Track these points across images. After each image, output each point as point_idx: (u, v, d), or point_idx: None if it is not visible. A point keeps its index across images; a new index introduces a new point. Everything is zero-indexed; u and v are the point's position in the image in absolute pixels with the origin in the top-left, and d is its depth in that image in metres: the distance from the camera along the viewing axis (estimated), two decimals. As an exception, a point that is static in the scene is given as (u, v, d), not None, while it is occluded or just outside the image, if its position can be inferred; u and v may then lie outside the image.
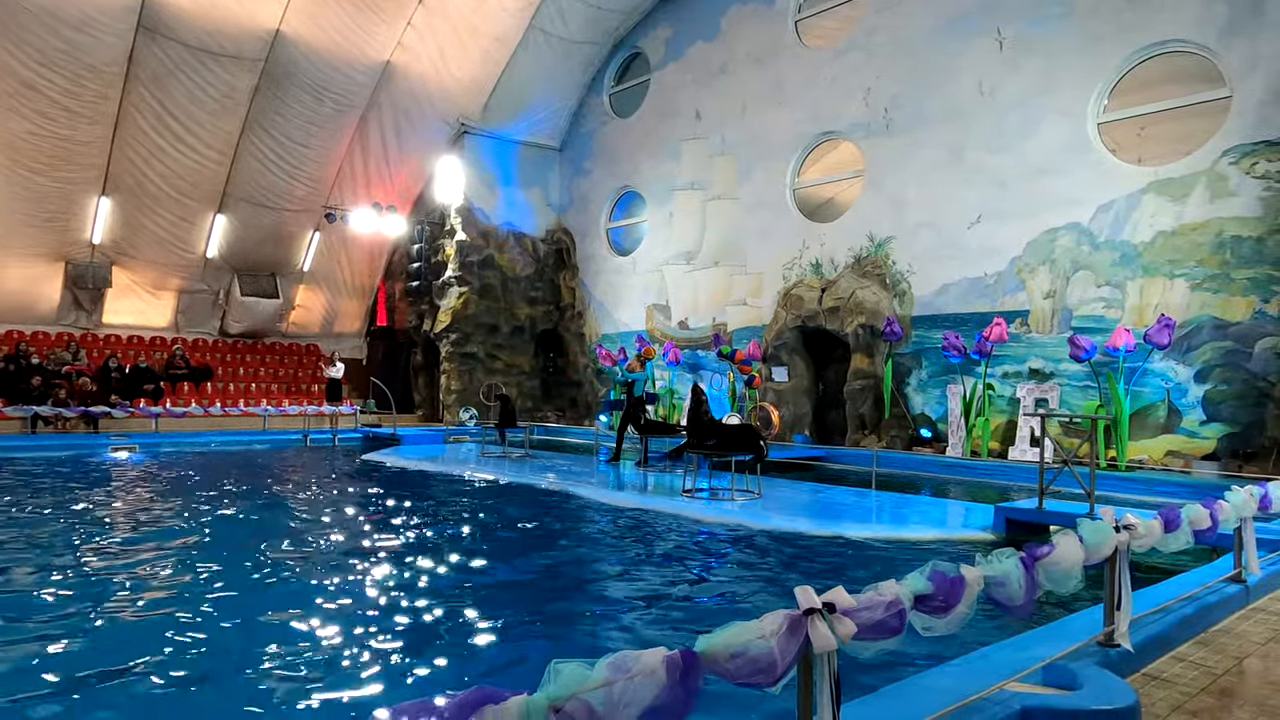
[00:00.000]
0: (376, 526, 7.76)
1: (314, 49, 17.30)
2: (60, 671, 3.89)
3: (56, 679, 3.80)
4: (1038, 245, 12.35)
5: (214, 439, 16.32)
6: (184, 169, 18.17)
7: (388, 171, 20.69)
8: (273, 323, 22.01)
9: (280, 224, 20.37)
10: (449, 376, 20.17)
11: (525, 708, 1.54)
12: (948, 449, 12.81)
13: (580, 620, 4.94)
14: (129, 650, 4.17)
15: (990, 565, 2.79)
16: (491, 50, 18.53)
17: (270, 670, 3.95)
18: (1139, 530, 3.53)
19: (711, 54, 17.72)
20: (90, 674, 3.87)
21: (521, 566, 6.27)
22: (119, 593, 5.27)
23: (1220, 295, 10.61)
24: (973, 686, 2.79)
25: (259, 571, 5.91)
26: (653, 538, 7.42)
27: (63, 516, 7.87)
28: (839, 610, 2.10)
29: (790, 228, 15.95)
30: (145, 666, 3.97)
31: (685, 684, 1.79)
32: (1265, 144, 10.30)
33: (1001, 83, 12.91)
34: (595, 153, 20.57)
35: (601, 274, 20.33)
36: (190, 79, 16.84)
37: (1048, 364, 12.14)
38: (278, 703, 3.62)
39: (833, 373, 15.29)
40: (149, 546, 6.65)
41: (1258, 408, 10.23)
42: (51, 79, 15.63)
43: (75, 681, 3.79)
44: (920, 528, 7.52)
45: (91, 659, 4.08)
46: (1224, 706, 3.14)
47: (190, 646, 4.27)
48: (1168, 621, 3.89)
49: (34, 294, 18.79)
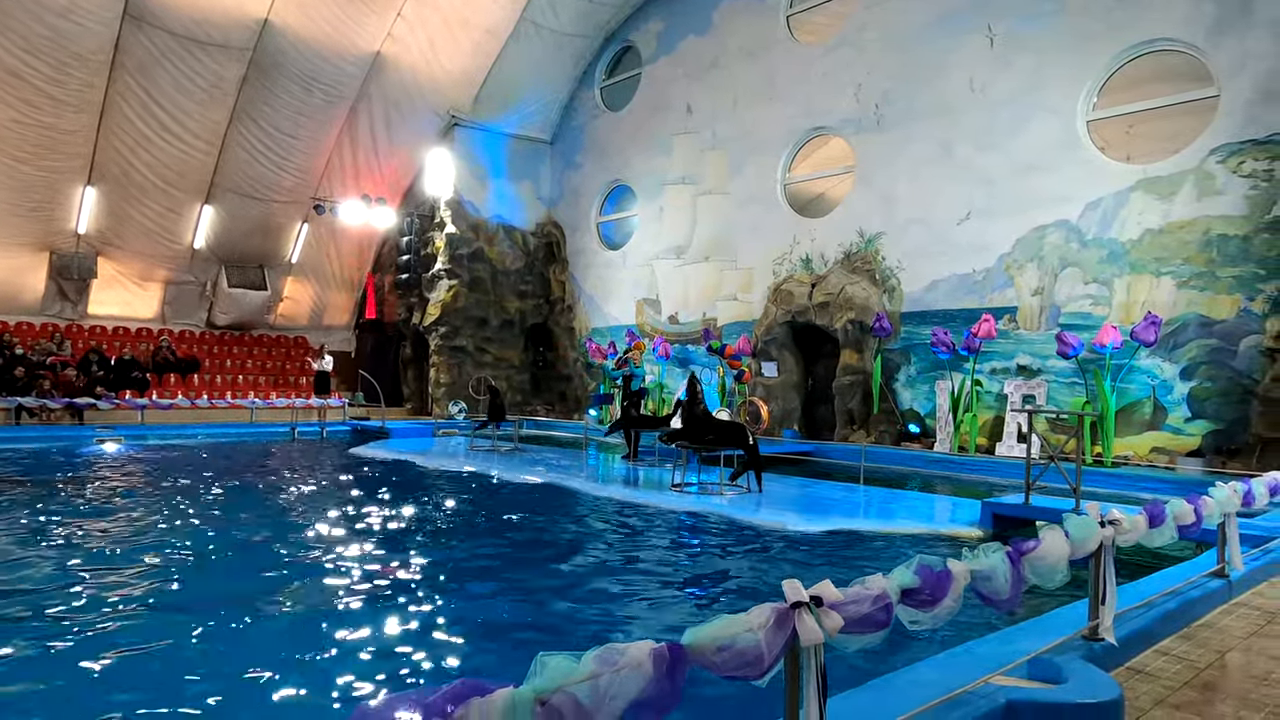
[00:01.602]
0: (362, 519, 7.72)
1: (303, 39, 17.16)
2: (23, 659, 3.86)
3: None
4: (1026, 242, 12.40)
5: (201, 431, 16.21)
6: (171, 159, 18.01)
7: (377, 163, 20.57)
8: (260, 314, 21.87)
9: (268, 215, 20.23)
10: (438, 370, 20.11)
11: (511, 700, 1.54)
12: (935, 444, 12.87)
13: (567, 613, 4.94)
14: (109, 639, 4.14)
15: (977, 559, 2.80)
16: (482, 42, 18.44)
17: (252, 663, 3.93)
18: (1124, 525, 3.55)
19: (703, 48, 17.69)
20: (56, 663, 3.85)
21: (507, 559, 6.26)
22: (92, 586, 5.23)
23: (1206, 293, 10.68)
24: (958, 680, 2.80)
25: (242, 562, 5.88)
26: (640, 531, 7.42)
27: (41, 506, 7.81)
28: (826, 604, 2.10)
29: (781, 223, 15.95)
30: (127, 657, 3.95)
31: (672, 677, 1.78)
32: (1252, 143, 10.37)
33: (992, 79, 12.94)
34: (586, 146, 20.51)
35: (592, 268, 20.29)
36: (177, 68, 16.68)
37: (1035, 360, 12.21)
38: (259, 694, 3.60)
39: (822, 368, 15.33)
40: (129, 538, 6.60)
41: (1242, 405, 10.32)
42: (36, 66, 15.45)
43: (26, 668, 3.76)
44: (908, 522, 7.55)
45: (62, 651, 4.05)
46: (1206, 700, 3.17)
47: (174, 636, 4.24)
48: (1151, 616, 3.92)
49: (18, 284, 18.60)
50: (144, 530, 6.93)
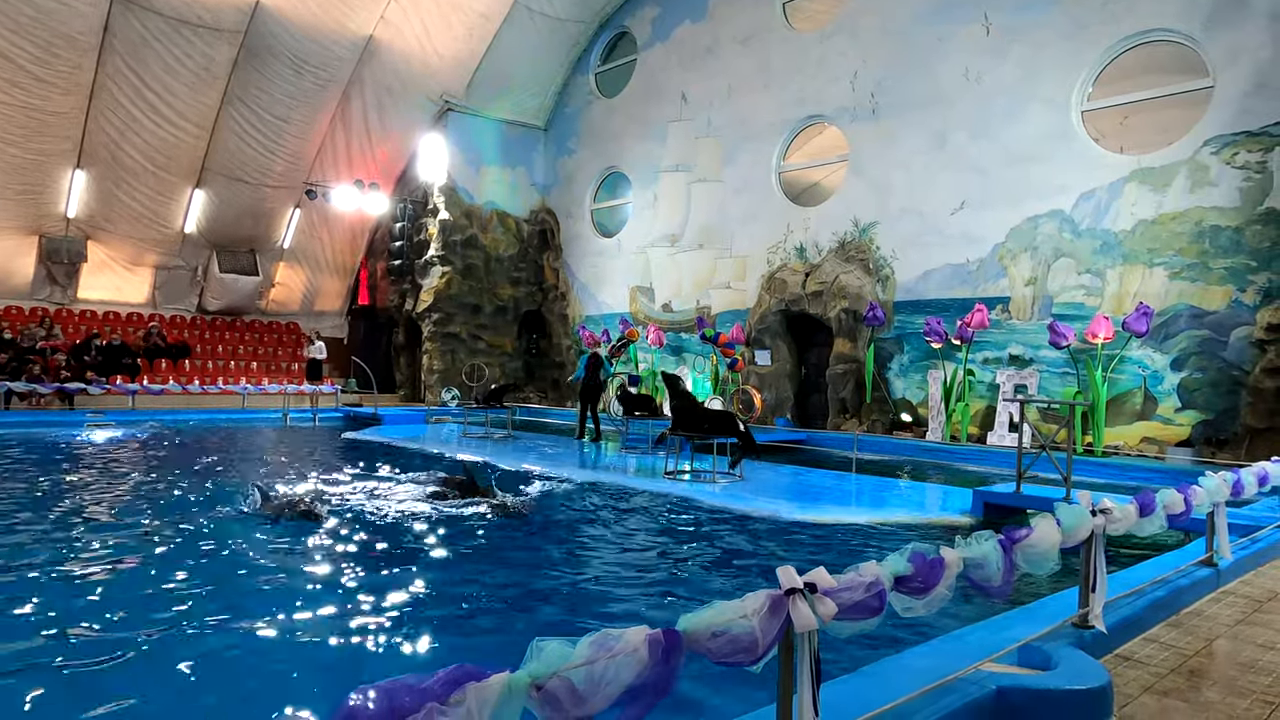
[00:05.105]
0: (356, 506, 7.71)
1: (294, 22, 16.99)
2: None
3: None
4: (1020, 232, 12.42)
5: (193, 416, 16.14)
6: (161, 142, 17.86)
7: (370, 148, 20.43)
8: (252, 300, 21.77)
9: (260, 200, 20.09)
10: (431, 356, 20.07)
11: (507, 685, 1.54)
12: (928, 433, 12.92)
13: (562, 599, 4.95)
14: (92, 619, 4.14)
15: (969, 548, 2.81)
16: (476, 27, 18.30)
17: (244, 644, 3.93)
18: (1115, 514, 3.58)
19: (698, 35, 17.60)
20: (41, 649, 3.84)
21: (502, 545, 6.27)
22: (81, 567, 5.22)
23: (1198, 284, 10.73)
24: (949, 666, 2.82)
25: (234, 548, 5.87)
26: (633, 518, 7.44)
27: (32, 490, 7.78)
28: (820, 590, 2.11)
29: (775, 211, 15.93)
30: (123, 641, 3.94)
31: (667, 663, 1.79)
32: (1246, 134, 10.39)
33: (988, 69, 12.92)
34: (580, 133, 20.42)
35: (585, 255, 20.24)
36: (168, 50, 16.51)
37: (1027, 350, 12.25)
38: (253, 678, 3.60)
39: (815, 357, 15.36)
40: (114, 524, 6.59)
41: (1232, 395, 10.39)
42: (23, 47, 15.27)
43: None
44: (900, 511, 7.59)
45: (48, 640, 4.05)
46: (1194, 686, 3.20)
47: (164, 618, 4.24)
48: (1141, 604, 3.95)
49: (7, 268, 18.47)
50: (128, 511, 6.92)
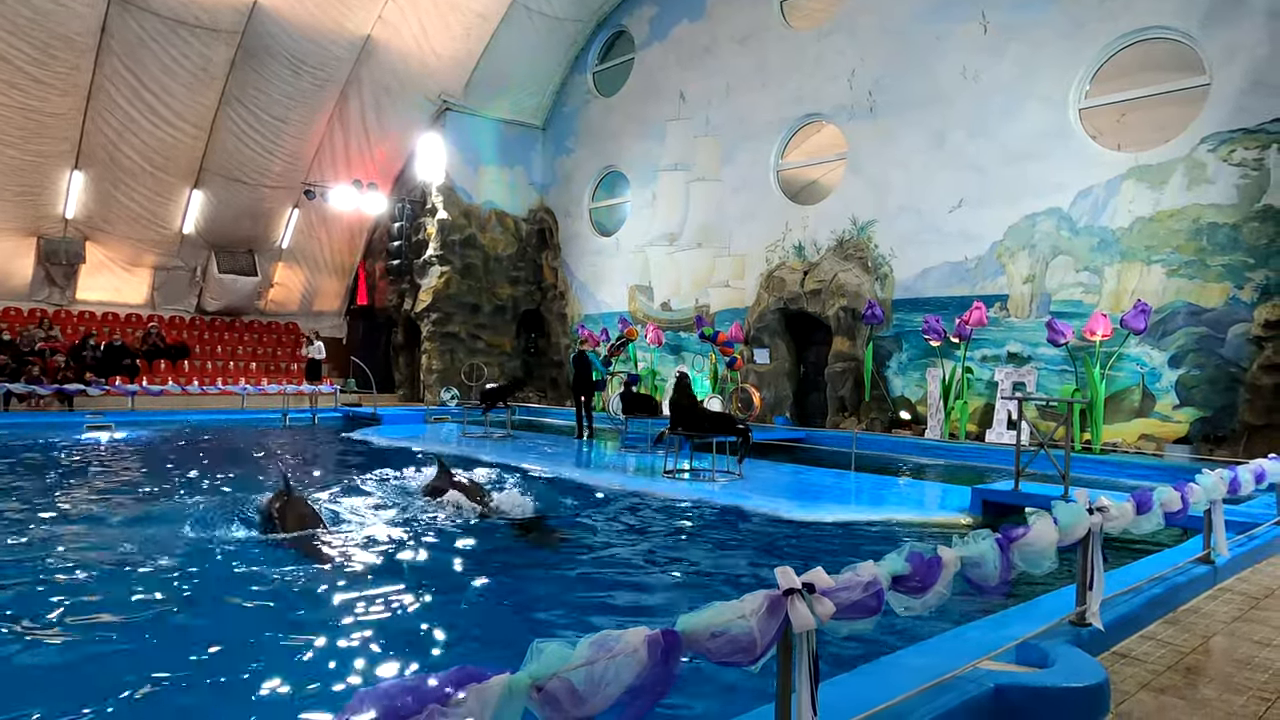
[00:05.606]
0: (355, 504, 7.72)
1: (292, 22, 16.97)
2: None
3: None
4: (1018, 230, 12.44)
5: (192, 417, 16.13)
6: (159, 143, 17.84)
7: (368, 148, 20.41)
8: (250, 300, 21.75)
9: (258, 200, 20.08)
10: (430, 356, 20.06)
11: (508, 686, 1.55)
12: (926, 431, 12.94)
13: (561, 600, 4.96)
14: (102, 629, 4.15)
15: (966, 546, 2.83)
16: (474, 26, 18.28)
17: (246, 649, 3.94)
18: (1112, 512, 3.60)
19: (696, 34, 17.59)
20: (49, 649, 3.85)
21: (501, 545, 6.28)
22: (85, 569, 5.23)
23: (1195, 281, 10.75)
24: (947, 665, 2.83)
25: (231, 548, 5.88)
26: (633, 518, 7.45)
27: (34, 490, 7.79)
28: (818, 590, 2.13)
29: (773, 210, 15.94)
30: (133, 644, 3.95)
31: (666, 663, 1.81)
32: (1243, 131, 10.40)
33: (985, 67, 12.93)
34: (579, 132, 20.41)
35: (584, 254, 20.24)
36: (165, 50, 16.48)
37: (1026, 348, 12.27)
38: (253, 679, 3.62)
39: (814, 355, 15.37)
40: (115, 526, 6.59)
41: (1229, 392, 10.41)
42: (20, 48, 15.24)
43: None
44: (898, 509, 7.60)
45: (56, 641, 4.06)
46: (1190, 683, 3.22)
47: (164, 618, 4.25)
48: (1138, 601, 3.97)
49: (5, 270, 18.44)
50: (132, 511, 6.92)
